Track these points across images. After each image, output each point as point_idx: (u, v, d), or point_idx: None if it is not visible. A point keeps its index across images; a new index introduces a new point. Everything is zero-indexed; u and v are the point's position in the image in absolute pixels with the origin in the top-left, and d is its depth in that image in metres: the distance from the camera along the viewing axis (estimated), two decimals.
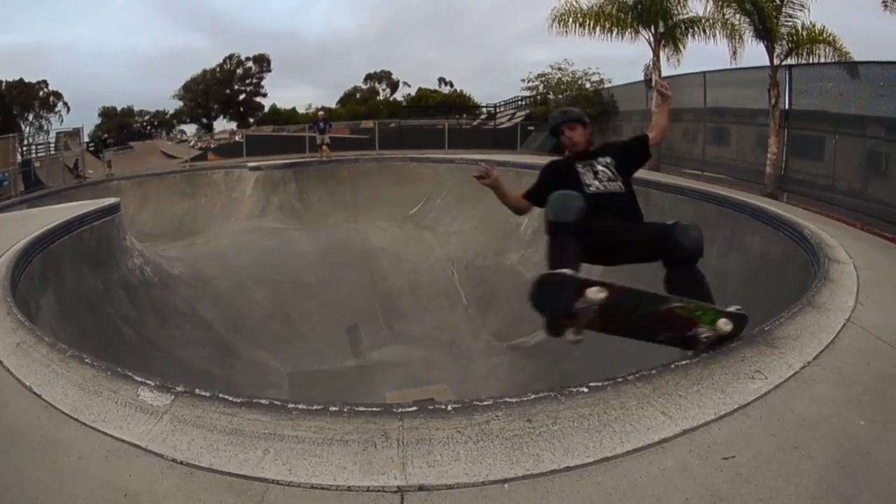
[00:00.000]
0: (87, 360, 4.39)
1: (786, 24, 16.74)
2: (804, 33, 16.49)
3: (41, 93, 61.82)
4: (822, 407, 3.62)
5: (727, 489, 2.93)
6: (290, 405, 3.60)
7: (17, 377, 4.31)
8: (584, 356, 10.37)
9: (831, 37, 16.29)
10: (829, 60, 16.27)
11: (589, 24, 22.01)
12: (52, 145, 32.42)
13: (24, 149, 31.47)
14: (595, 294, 3.95)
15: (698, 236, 4.59)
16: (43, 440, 3.53)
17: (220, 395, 3.74)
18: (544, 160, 19.86)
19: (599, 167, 5.55)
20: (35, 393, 4.05)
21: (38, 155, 30.21)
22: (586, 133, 5.87)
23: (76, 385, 4.07)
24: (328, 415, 3.50)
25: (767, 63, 17.05)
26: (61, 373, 4.28)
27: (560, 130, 5.87)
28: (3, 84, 57.28)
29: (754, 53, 17.92)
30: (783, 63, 16.91)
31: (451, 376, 11.43)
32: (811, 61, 16.55)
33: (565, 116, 5.97)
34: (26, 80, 59.71)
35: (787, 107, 16.76)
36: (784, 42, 16.76)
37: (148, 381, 3.97)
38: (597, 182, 5.42)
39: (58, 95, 62.73)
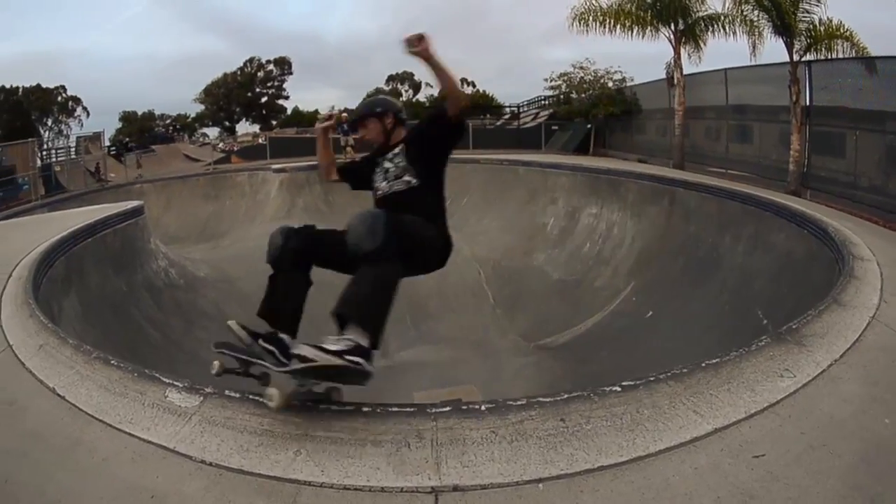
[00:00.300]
0: (112, 362, 4.40)
1: (803, 19, 16.67)
2: (822, 29, 16.43)
3: (59, 98, 62.18)
4: (849, 405, 3.63)
5: (758, 488, 2.93)
6: (322, 405, 3.61)
7: (39, 379, 4.32)
8: (611, 357, 10.42)
9: (848, 32, 16.20)
10: (847, 56, 16.22)
11: (609, 23, 22.07)
12: (73, 149, 32.65)
13: (44, 153, 31.70)
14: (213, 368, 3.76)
15: (361, 229, 3.77)
16: (66, 442, 3.52)
17: (251, 396, 3.73)
18: (569, 159, 19.79)
19: (387, 164, 4.87)
20: (59, 395, 4.06)
21: (59, 159, 30.45)
22: (382, 125, 4.98)
23: (101, 386, 4.08)
24: (361, 415, 3.51)
25: (787, 59, 17.01)
26: (86, 374, 4.28)
27: (356, 131, 5.09)
28: (21, 90, 57.91)
29: (774, 49, 17.87)
30: (802, 59, 16.85)
31: (479, 376, 11.35)
32: (830, 57, 16.49)
33: (354, 114, 5.17)
34: (44, 86, 60.27)
35: (807, 103, 16.71)
36: (803, 38, 16.70)
37: (176, 383, 3.99)
38: (384, 183, 4.84)
39: (77, 100, 63.15)
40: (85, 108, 63.40)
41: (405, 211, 4.44)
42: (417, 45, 4.21)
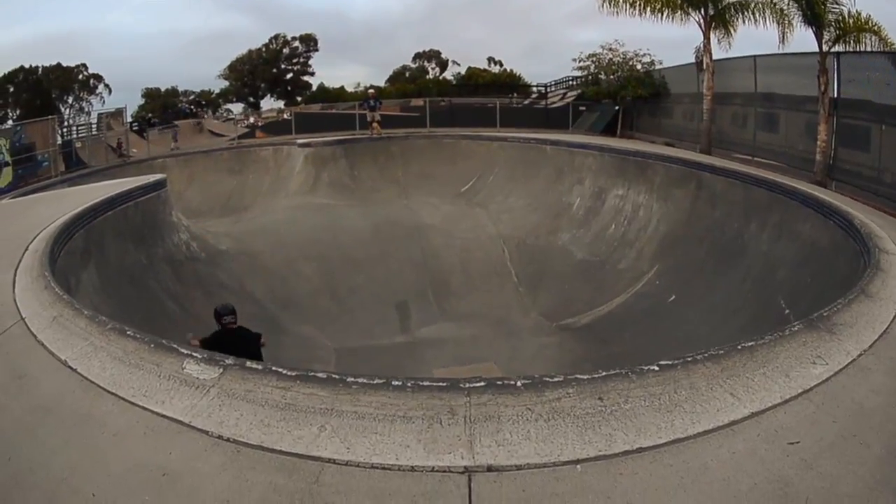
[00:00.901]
0: (128, 332, 4.30)
1: (832, 10, 16.45)
2: (850, 21, 16.23)
3: (80, 76, 62.07)
4: (878, 396, 3.62)
5: (793, 475, 2.89)
6: (350, 379, 3.47)
7: (51, 351, 4.26)
8: (633, 339, 10.37)
9: (877, 26, 16.00)
10: (874, 49, 16.05)
11: (639, 5, 21.88)
12: (95, 126, 32.66)
13: (65, 130, 31.74)
14: None
15: None
16: (76, 417, 3.45)
17: (273, 368, 3.63)
18: (596, 140, 19.76)
19: None
20: (70, 367, 3.99)
21: (80, 136, 30.41)
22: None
23: (116, 358, 4.01)
24: (391, 389, 3.37)
25: (816, 49, 16.85)
26: (100, 346, 4.21)
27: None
28: (40, 69, 58.19)
29: (804, 39, 17.68)
30: (831, 50, 16.67)
31: (500, 355, 11.49)
32: (858, 50, 16.33)
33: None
34: (64, 65, 60.37)
35: (835, 95, 16.53)
36: (832, 28, 16.50)
37: (194, 354, 3.90)
38: None
39: (98, 78, 62.76)
40: (107, 86, 63.17)
41: None
42: None
